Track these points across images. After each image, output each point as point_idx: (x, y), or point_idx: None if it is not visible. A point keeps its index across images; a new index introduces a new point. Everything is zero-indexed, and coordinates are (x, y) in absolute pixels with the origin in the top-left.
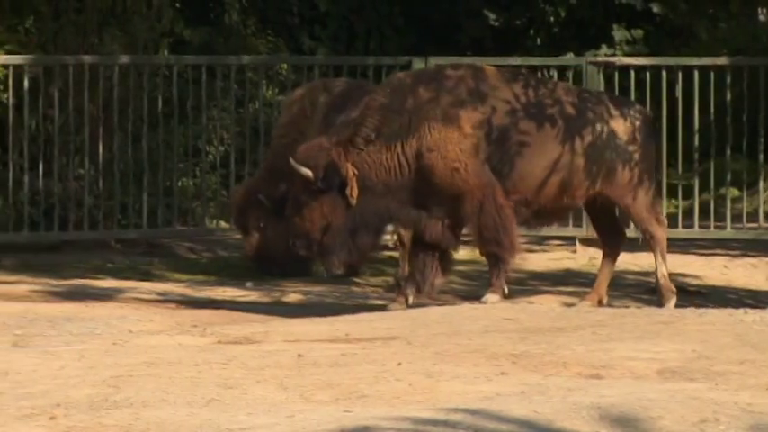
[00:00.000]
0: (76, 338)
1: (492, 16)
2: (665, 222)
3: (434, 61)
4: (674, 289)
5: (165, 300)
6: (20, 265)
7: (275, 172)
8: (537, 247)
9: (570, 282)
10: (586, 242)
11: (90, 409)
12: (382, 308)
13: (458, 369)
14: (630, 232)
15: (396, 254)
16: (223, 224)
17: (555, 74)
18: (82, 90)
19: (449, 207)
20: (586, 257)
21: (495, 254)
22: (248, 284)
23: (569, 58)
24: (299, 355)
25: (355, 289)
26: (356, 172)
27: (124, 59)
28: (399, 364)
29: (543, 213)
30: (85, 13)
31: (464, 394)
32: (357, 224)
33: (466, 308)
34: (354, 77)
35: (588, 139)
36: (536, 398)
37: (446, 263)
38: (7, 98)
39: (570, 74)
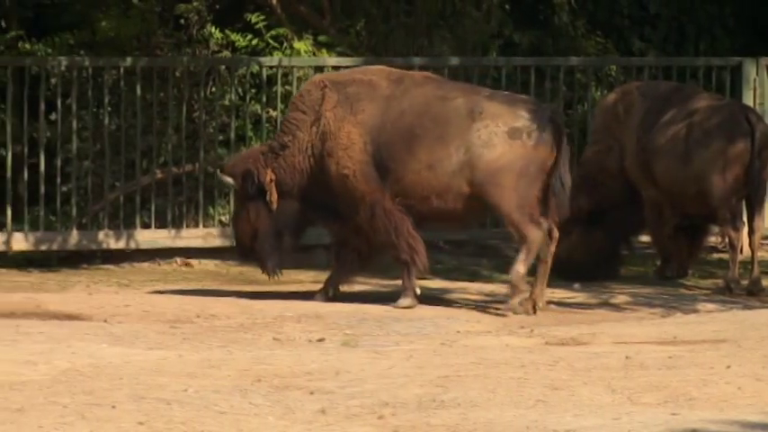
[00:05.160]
0: (405, 338)
1: None
2: (543, 225)
3: (766, 62)
4: (521, 288)
5: (493, 300)
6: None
7: (587, 178)
8: None
9: None
10: None
11: (418, 409)
12: (711, 311)
13: None
14: None
15: (725, 256)
16: None
17: None
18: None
19: (346, 211)
20: None
21: (399, 258)
22: (576, 286)
23: None
24: (627, 357)
25: (684, 291)
26: (273, 177)
27: (453, 61)
28: (728, 366)
29: (426, 217)
30: (415, 16)
31: None
32: (280, 228)
33: None
34: (684, 79)
35: (456, 143)
36: None
37: None
38: None
39: None
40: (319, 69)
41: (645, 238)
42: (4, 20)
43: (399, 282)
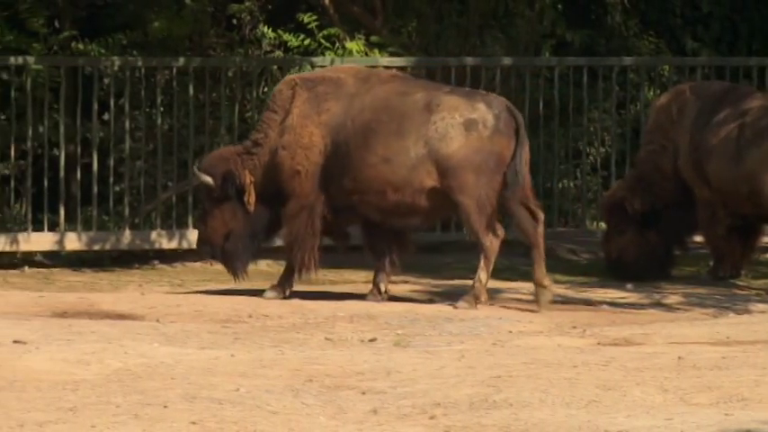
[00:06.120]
0: (456, 339)
1: None
2: (501, 232)
3: None
4: (482, 299)
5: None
6: (403, 265)
7: (641, 179)
8: None
9: None
10: None
11: (469, 409)
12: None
13: None
14: None
15: None
16: (604, 226)
17: None
18: None
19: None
20: None
21: (289, 261)
22: (628, 286)
23: None
24: (679, 358)
25: (737, 292)
26: (253, 179)
27: (506, 61)
28: None
29: (385, 212)
30: (467, 16)
31: None
32: (256, 229)
33: None
34: (736, 79)
35: (414, 136)
36: None
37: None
38: None
39: None
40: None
41: (698, 238)
42: (58, 20)
43: (452, 282)
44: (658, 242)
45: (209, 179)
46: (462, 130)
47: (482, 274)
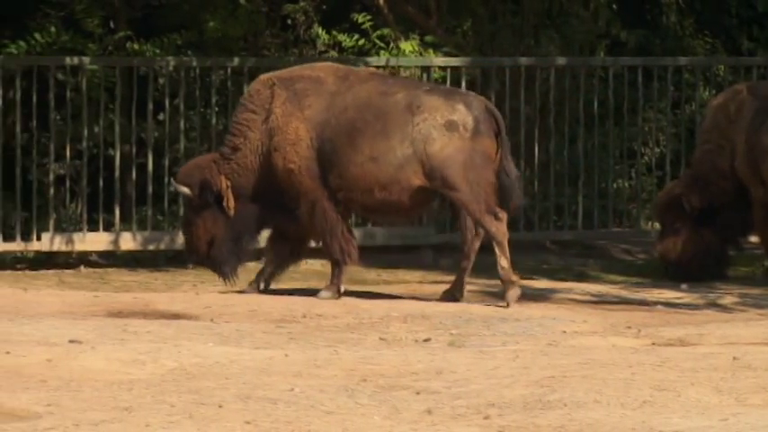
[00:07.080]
0: (511, 339)
1: None
2: (504, 216)
3: None
4: (513, 279)
5: (599, 301)
6: (456, 265)
7: (698, 178)
8: None
9: None
10: None
11: (523, 410)
12: None
13: None
14: None
15: None
16: (659, 226)
17: None
18: (518, 92)
19: (291, 205)
20: None
21: (330, 257)
22: (683, 286)
23: None
24: (734, 358)
25: None
26: (229, 183)
27: (560, 61)
28: None
29: (370, 209)
30: (522, 16)
31: None
32: (239, 232)
33: None
34: None
35: (399, 136)
36: None
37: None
38: None
39: None
40: (426, 69)
41: (753, 239)
42: (113, 20)
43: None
44: (714, 240)
45: (186, 189)
46: (444, 131)
47: (502, 261)
